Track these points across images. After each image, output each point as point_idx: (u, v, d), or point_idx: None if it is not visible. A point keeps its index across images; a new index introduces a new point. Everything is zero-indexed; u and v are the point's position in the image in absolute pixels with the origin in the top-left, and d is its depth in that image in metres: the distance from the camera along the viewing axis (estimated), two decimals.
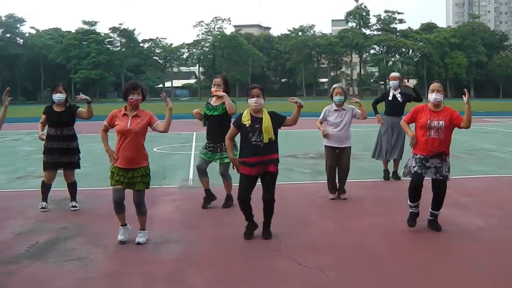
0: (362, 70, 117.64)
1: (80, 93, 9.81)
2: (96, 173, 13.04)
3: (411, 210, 8.31)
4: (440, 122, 7.89)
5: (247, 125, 7.67)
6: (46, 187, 9.94)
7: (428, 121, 7.89)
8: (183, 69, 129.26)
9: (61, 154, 9.70)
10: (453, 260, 6.95)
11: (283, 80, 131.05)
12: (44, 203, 9.90)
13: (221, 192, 9.96)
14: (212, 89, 9.68)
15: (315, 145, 17.66)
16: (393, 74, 12.73)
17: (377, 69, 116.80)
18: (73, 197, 10.02)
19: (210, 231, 8.35)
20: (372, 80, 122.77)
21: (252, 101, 7.72)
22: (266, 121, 7.68)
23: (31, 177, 13.82)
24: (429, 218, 8.37)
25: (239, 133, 7.88)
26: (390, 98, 12.36)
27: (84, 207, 9.99)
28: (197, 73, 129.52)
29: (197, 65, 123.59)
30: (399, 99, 12.21)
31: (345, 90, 10.56)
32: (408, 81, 14.88)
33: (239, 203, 7.90)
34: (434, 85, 8.09)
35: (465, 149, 18.17)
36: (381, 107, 12.54)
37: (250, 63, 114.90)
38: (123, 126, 7.53)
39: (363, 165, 14.46)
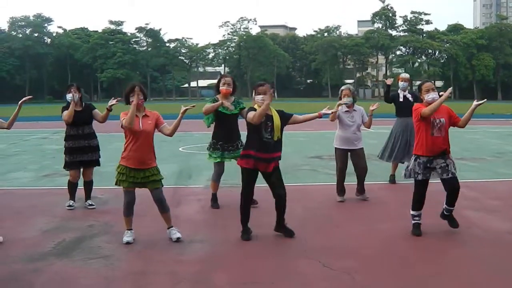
0: (388, 72, 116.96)
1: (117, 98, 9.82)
2: None
3: (414, 221, 8.19)
4: (442, 120, 7.80)
5: (261, 121, 7.63)
6: (72, 186, 10.04)
7: (431, 119, 7.78)
8: (209, 69, 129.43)
9: (83, 152, 9.79)
10: (480, 265, 6.85)
11: (308, 81, 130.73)
12: (72, 201, 9.99)
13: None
14: (223, 88, 9.61)
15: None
16: (403, 75, 12.57)
17: (403, 71, 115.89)
18: (88, 195, 10.12)
19: (235, 231, 8.32)
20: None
21: (259, 98, 7.71)
22: (276, 119, 7.71)
23: (57, 175, 13.90)
24: (445, 212, 8.27)
25: (248, 126, 7.80)
26: (401, 99, 12.19)
27: (111, 205, 10.04)
28: (222, 73, 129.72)
29: (223, 65, 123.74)
30: (410, 99, 12.07)
31: (353, 91, 10.49)
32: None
33: (244, 200, 7.95)
34: (428, 84, 8.07)
35: (493, 152, 17.97)
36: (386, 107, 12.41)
37: (275, 64, 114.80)
38: (135, 128, 7.52)
39: (387, 166, 14.35)
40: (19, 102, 8.19)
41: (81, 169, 10.02)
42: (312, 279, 6.32)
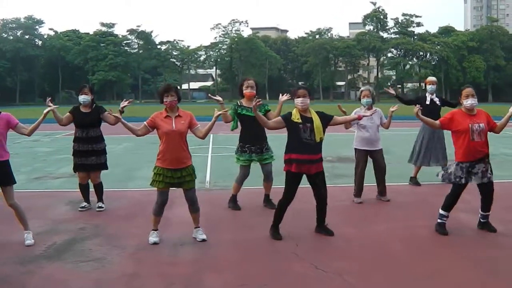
0: (379, 74, 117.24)
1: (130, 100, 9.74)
2: (114, 175, 13.06)
3: (441, 220, 8.30)
4: (481, 125, 7.90)
5: (299, 123, 7.78)
6: (82, 188, 10.06)
7: (470, 125, 7.85)
8: (200, 71, 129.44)
9: (88, 156, 9.72)
10: (474, 266, 6.86)
11: (300, 83, 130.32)
12: (85, 203, 10.05)
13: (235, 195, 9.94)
14: (246, 91, 9.64)
15: (332, 148, 17.63)
16: (430, 78, 12.55)
17: (395, 73, 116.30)
18: (99, 198, 10.06)
19: (227, 234, 8.33)
20: (389, 84, 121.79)
21: (298, 101, 7.88)
22: (317, 121, 7.83)
23: (49, 178, 13.87)
24: (481, 220, 8.41)
25: (287, 130, 7.94)
26: (428, 102, 12.10)
27: (104, 206, 10.00)
28: (214, 76, 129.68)
29: (214, 67, 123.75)
30: (437, 102, 12.06)
31: (373, 92, 10.55)
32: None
33: (284, 202, 8.07)
34: (468, 90, 8.07)
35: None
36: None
37: (267, 66, 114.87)
38: (168, 128, 7.62)
39: None
40: (44, 111, 8.05)
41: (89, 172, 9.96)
42: (305, 281, 6.32)
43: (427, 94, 12.20)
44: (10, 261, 7.04)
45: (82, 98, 9.69)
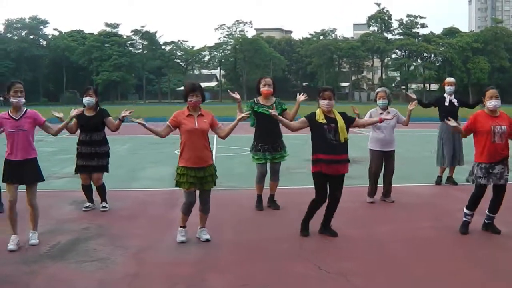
0: (383, 75, 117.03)
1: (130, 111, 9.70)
2: (117, 175, 13.08)
3: (465, 219, 8.34)
4: (503, 127, 7.90)
5: (323, 123, 7.85)
6: (85, 189, 10.07)
7: (492, 127, 7.86)
8: (204, 71, 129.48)
9: (90, 158, 9.73)
10: (477, 267, 6.86)
11: (304, 84, 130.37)
12: (88, 203, 10.06)
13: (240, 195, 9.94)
14: (263, 89, 9.69)
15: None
16: (448, 79, 12.55)
17: (399, 74, 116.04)
18: (103, 198, 10.06)
19: (230, 234, 8.34)
20: (393, 85, 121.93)
21: (324, 102, 7.98)
22: (340, 121, 7.91)
23: (53, 178, 13.87)
24: (486, 221, 8.42)
25: (311, 130, 8.05)
26: (446, 103, 12.15)
27: (108, 206, 10.00)
28: (218, 76, 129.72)
29: (219, 68, 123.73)
30: (455, 104, 12.09)
31: (389, 94, 10.59)
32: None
33: (317, 202, 8.10)
34: (492, 91, 8.09)
35: None
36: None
37: (271, 67, 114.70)
38: (191, 126, 7.65)
39: None
40: (71, 114, 8.11)
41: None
42: (307, 281, 6.32)
43: (445, 95, 12.22)
44: (14, 261, 7.06)
45: (87, 100, 9.69)
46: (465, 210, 8.33)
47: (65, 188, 12.36)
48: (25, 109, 7.72)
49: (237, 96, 9.50)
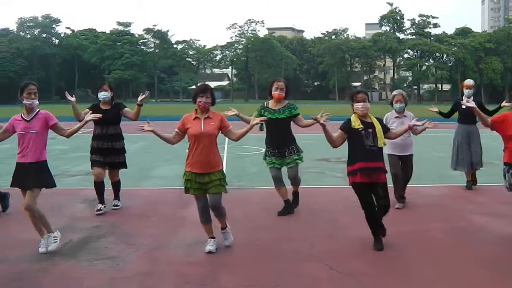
0: (395, 75, 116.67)
1: (146, 93, 9.67)
2: (129, 173, 13.09)
3: None
4: None
5: (360, 129, 7.49)
6: (98, 186, 9.75)
7: None
8: (216, 71, 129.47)
9: (107, 154, 9.64)
10: (487, 269, 6.81)
11: (315, 83, 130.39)
12: (100, 205, 9.75)
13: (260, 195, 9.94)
14: (275, 93, 9.36)
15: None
16: (467, 82, 12.18)
17: (411, 74, 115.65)
18: (116, 195, 10.06)
19: (242, 234, 8.33)
20: (405, 85, 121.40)
21: (359, 105, 7.56)
22: (377, 125, 7.58)
23: (65, 176, 13.94)
24: None
25: (348, 139, 7.64)
26: (464, 106, 12.02)
27: (120, 204, 10.02)
28: (230, 75, 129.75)
29: (230, 67, 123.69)
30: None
31: (405, 96, 10.26)
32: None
33: (369, 216, 7.61)
34: None
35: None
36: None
37: (283, 66, 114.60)
38: (196, 130, 7.33)
39: None
40: (87, 118, 7.80)
41: (107, 170, 9.89)
42: (318, 281, 6.32)
43: (464, 98, 11.98)
44: (25, 259, 7.09)
45: (102, 94, 9.66)
46: None
47: (77, 186, 12.41)
48: (37, 110, 7.52)
49: (234, 112, 8.83)
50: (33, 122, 7.42)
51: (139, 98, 9.09)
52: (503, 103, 11.19)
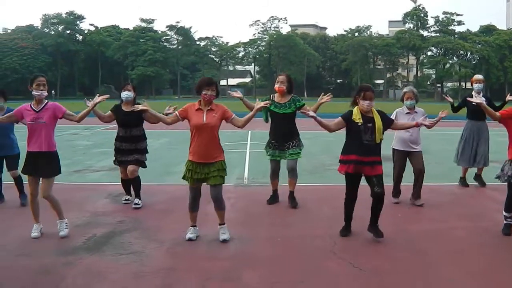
0: (418, 72, 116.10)
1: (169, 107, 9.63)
2: (153, 169, 13.15)
3: (506, 221, 8.21)
4: None
5: (360, 124, 7.61)
6: (124, 183, 10.21)
7: None
8: (239, 67, 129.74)
9: (129, 154, 9.78)
10: (510, 268, 6.80)
11: (338, 81, 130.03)
12: (128, 196, 10.21)
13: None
14: (276, 86, 9.61)
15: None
16: (476, 76, 12.07)
17: (434, 72, 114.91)
18: (136, 193, 10.02)
19: (265, 230, 8.34)
20: (428, 83, 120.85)
21: (365, 103, 7.67)
22: (378, 121, 7.66)
23: (88, 171, 14.04)
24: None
25: (346, 130, 7.82)
26: (474, 103, 11.91)
27: (141, 202, 10.06)
28: (252, 72, 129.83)
29: (253, 64, 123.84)
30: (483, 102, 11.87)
31: (416, 94, 10.24)
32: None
33: (347, 202, 8.05)
34: None
35: None
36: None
37: (305, 63, 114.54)
38: (198, 121, 7.49)
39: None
40: (95, 101, 8.04)
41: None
42: (341, 279, 6.31)
43: (473, 93, 11.83)
44: (50, 252, 7.17)
45: (125, 94, 9.72)
46: (504, 213, 8.21)
47: (100, 181, 12.50)
48: (46, 102, 7.89)
49: (238, 94, 9.20)
50: (42, 112, 7.80)
51: (165, 111, 8.74)
52: (508, 98, 11.08)
